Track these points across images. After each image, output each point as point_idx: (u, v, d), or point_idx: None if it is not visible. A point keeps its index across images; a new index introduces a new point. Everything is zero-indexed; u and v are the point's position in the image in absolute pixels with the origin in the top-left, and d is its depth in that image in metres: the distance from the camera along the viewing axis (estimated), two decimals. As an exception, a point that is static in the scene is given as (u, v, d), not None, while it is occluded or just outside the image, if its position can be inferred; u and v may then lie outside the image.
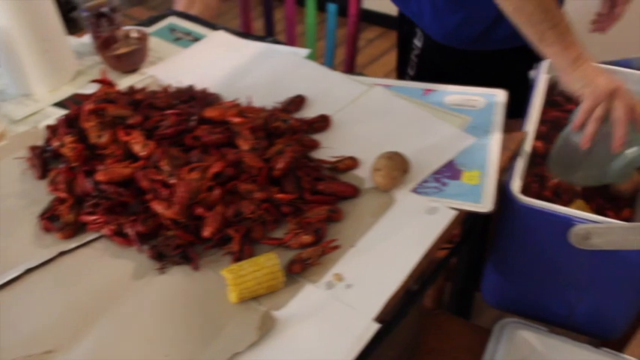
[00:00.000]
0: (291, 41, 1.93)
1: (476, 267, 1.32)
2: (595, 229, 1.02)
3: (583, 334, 1.29)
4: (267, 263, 0.90)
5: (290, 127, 1.12)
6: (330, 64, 1.88)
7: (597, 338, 1.29)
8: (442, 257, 1.23)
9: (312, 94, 1.27)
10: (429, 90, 1.26)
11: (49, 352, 0.87)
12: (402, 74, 1.60)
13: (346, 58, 1.82)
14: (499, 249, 1.23)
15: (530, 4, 1.01)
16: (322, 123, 1.18)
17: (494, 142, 1.12)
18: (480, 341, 1.27)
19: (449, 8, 1.34)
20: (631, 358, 1.20)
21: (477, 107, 1.21)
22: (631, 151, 1.06)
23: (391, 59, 3.11)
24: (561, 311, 1.24)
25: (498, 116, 1.18)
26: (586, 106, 1.06)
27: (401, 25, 1.56)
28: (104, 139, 1.09)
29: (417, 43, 1.47)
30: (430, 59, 1.46)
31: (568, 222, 1.05)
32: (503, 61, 1.43)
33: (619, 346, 1.34)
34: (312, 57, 1.90)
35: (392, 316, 0.96)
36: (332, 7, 1.77)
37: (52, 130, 1.17)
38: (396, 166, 1.02)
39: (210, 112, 1.15)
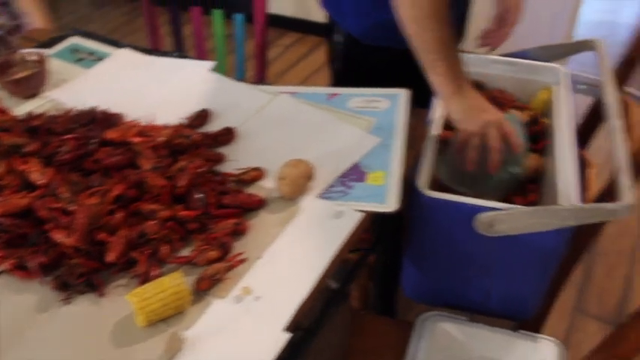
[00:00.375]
0: (201, 57, 1.90)
1: (395, 264, 1.34)
2: (498, 215, 1.04)
3: (501, 318, 1.33)
4: (171, 283, 0.89)
5: (193, 143, 1.11)
6: (242, 76, 1.87)
7: (514, 320, 1.33)
8: (358, 257, 1.24)
9: (217, 107, 1.27)
10: (334, 94, 1.27)
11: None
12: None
13: (256, 68, 1.81)
14: (413, 244, 1.25)
15: (427, 33, 1.05)
16: (227, 136, 1.18)
17: (398, 142, 1.14)
18: (405, 338, 1.28)
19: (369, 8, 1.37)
20: (545, 336, 1.23)
21: (381, 109, 1.22)
22: (501, 174, 1.21)
23: (309, 64, 3.14)
24: (478, 298, 1.27)
25: (402, 116, 1.20)
26: (461, 138, 1.15)
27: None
28: (-1, 169, 1.05)
29: (339, 38, 1.49)
30: (352, 55, 1.49)
31: (473, 211, 1.07)
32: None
33: (536, 326, 1.38)
34: (222, 70, 1.88)
35: (313, 322, 0.97)
36: (239, 17, 1.76)
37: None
38: (301, 174, 1.03)
39: (111, 134, 1.12)
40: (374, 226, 1.14)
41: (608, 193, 1.14)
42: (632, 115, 1.24)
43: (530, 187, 1.36)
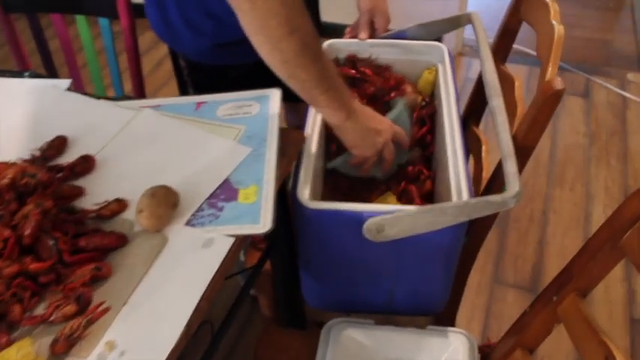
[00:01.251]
0: (74, 73, 1.75)
1: (294, 272, 1.26)
2: (385, 220, 0.98)
3: (409, 315, 1.28)
4: (17, 355, 0.78)
5: (41, 182, 0.99)
6: (119, 89, 1.73)
7: (423, 315, 1.29)
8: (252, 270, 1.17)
9: (75, 131, 1.14)
10: (201, 103, 1.17)
11: None
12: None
13: (132, 80, 1.68)
14: (304, 254, 1.18)
15: (303, 72, 0.95)
16: (84, 165, 1.06)
17: (271, 151, 1.05)
18: (314, 348, 1.22)
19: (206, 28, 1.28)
20: (455, 329, 1.19)
21: (251, 113, 1.13)
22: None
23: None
24: (382, 300, 1.21)
25: (274, 119, 1.11)
26: (357, 161, 1.18)
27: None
28: None
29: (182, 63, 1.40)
30: (199, 78, 1.40)
31: (359, 218, 1.01)
32: None
33: (450, 317, 1.35)
34: (99, 87, 1.75)
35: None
36: (104, 22, 1.62)
37: None
38: (161, 203, 0.93)
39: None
40: (266, 238, 1.06)
41: (497, 180, 1.10)
42: (516, 90, 1.20)
43: (426, 175, 1.31)
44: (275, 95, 1.16)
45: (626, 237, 0.79)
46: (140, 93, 1.69)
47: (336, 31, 1.51)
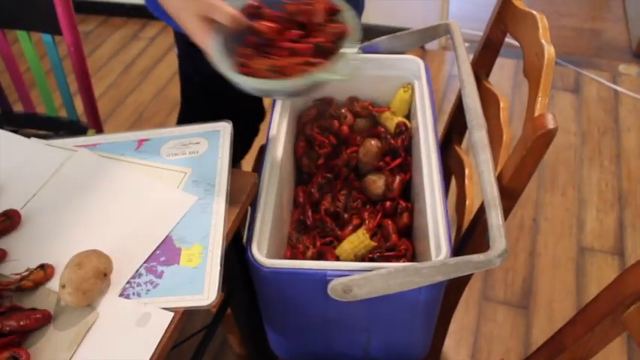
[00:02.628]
0: (23, 95, 1.60)
1: (257, 325, 1.14)
2: (352, 281, 0.86)
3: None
4: None
5: (-50, 249, 0.86)
6: (72, 110, 1.59)
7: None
8: (203, 337, 1.04)
9: (0, 177, 1.01)
10: (143, 140, 1.04)
11: None
12: None
13: (84, 102, 1.53)
14: (266, 309, 1.05)
15: None
16: (7, 223, 0.93)
17: (219, 200, 0.92)
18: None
19: None
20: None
21: (198, 152, 1.00)
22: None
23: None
24: (356, 353, 1.09)
25: (224, 160, 0.98)
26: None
27: None
28: None
29: None
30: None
31: (323, 278, 0.88)
32: None
33: (433, 357, 1.23)
34: (52, 110, 1.60)
35: None
36: (47, 38, 1.47)
37: None
38: (88, 275, 0.80)
39: None
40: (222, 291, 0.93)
41: (479, 225, 0.97)
42: (502, 112, 1.07)
43: (403, 206, 1.19)
44: (226, 130, 1.02)
45: (628, 312, 0.67)
46: (93, 115, 1.55)
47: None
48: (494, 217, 0.84)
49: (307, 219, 1.19)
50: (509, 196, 0.91)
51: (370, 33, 1.28)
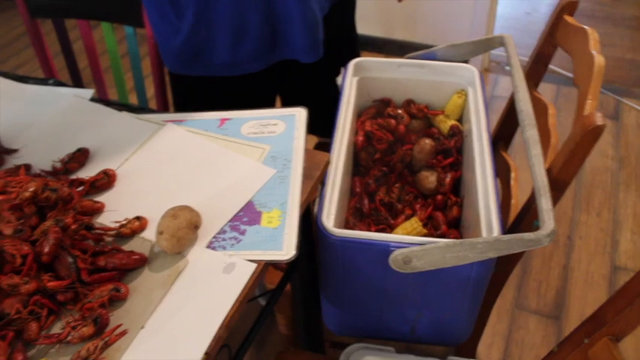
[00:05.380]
0: (97, 76, 1.74)
1: (314, 296, 1.23)
2: (413, 252, 0.95)
3: (431, 345, 1.25)
4: (32, 377, 0.76)
5: (61, 197, 0.97)
6: (143, 97, 1.73)
7: (446, 345, 1.25)
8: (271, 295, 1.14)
9: (97, 143, 1.13)
10: (225, 119, 1.15)
11: None
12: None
13: (155, 90, 1.66)
14: (327, 280, 1.15)
15: None
16: (106, 180, 1.04)
17: (295, 173, 1.03)
18: (331, 373, 1.19)
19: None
20: (477, 361, 1.16)
21: (276, 133, 1.11)
22: None
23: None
24: (404, 329, 1.18)
25: (300, 140, 1.09)
26: None
27: None
28: None
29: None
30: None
31: (386, 248, 0.98)
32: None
33: (471, 347, 1.31)
34: (122, 92, 1.74)
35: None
36: (129, 30, 1.61)
37: None
38: (182, 225, 0.91)
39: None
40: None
41: (528, 212, 1.06)
42: (550, 118, 1.16)
43: (453, 201, 1.28)
44: (301, 115, 1.13)
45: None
46: (162, 101, 1.68)
47: (371, 43, 1.50)
48: (544, 203, 0.93)
49: (363, 207, 1.29)
50: (557, 187, 1.00)
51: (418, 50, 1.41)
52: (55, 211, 0.95)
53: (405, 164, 1.36)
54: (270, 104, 1.38)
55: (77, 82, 1.79)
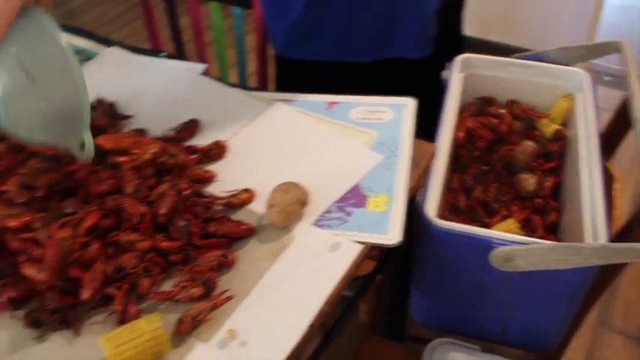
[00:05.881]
0: (200, 51, 1.80)
1: (404, 286, 1.24)
2: (516, 251, 0.94)
3: (519, 349, 1.23)
4: (148, 328, 0.80)
5: (177, 163, 1.01)
6: (244, 73, 1.77)
7: (533, 351, 1.23)
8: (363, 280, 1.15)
9: (207, 115, 1.17)
10: (334, 103, 1.16)
11: None
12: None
13: (257, 67, 1.70)
14: (421, 271, 1.15)
15: None
16: (217, 151, 1.08)
17: (403, 160, 1.03)
18: (412, 364, 1.20)
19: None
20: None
21: (384, 120, 1.11)
22: None
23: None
24: (495, 328, 1.17)
25: (407, 129, 1.09)
26: None
27: None
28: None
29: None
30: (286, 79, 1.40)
31: (488, 244, 0.97)
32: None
33: (556, 355, 1.28)
34: (223, 67, 1.79)
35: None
36: (237, 11, 1.65)
37: None
38: (292, 200, 0.93)
39: (103, 141, 1.02)
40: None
41: (636, 222, 1.03)
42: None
43: (552, 206, 1.26)
44: (410, 105, 1.14)
45: None
46: (263, 79, 1.71)
47: (477, 45, 1.49)
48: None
49: (460, 203, 1.28)
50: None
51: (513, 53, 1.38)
52: (171, 175, 0.99)
53: (504, 164, 1.34)
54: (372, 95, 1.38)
55: (181, 56, 1.85)
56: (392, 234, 0.92)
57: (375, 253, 1.35)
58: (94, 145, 0.93)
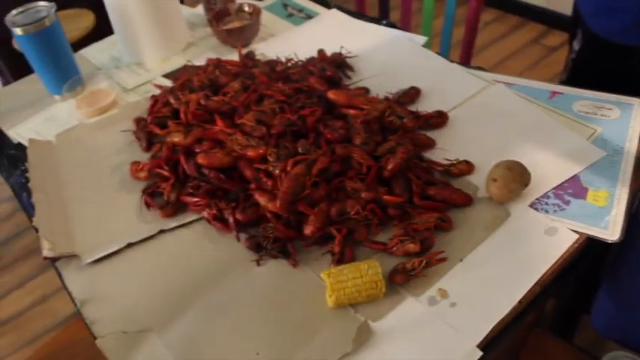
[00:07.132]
0: (405, 18, 1.84)
1: (587, 288, 1.22)
2: None
3: None
4: (369, 271, 0.85)
5: (404, 125, 1.06)
6: (447, 45, 1.78)
7: None
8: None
9: (426, 86, 1.20)
10: (557, 92, 1.16)
11: (143, 330, 0.87)
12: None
13: (464, 41, 1.71)
14: (618, 277, 1.12)
15: None
16: (438, 119, 1.11)
17: (628, 161, 1.01)
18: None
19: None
20: None
21: (609, 117, 1.09)
22: None
23: (506, 46, 2.93)
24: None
25: (635, 129, 1.06)
26: None
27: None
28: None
29: (575, 45, 1.36)
30: (588, 63, 1.35)
31: None
32: None
33: None
34: (427, 35, 1.81)
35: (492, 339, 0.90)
36: (451, -4, 1.67)
37: (155, 100, 1.19)
38: (515, 178, 0.94)
39: (335, 95, 1.10)
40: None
41: None
42: None
43: None
44: (638, 105, 1.11)
45: None
46: (467, 52, 1.72)
47: None
48: None
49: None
50: None
51: None
52: (397, 135, 1.04)
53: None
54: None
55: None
56: (612, 231, 0.91)
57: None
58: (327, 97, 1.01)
